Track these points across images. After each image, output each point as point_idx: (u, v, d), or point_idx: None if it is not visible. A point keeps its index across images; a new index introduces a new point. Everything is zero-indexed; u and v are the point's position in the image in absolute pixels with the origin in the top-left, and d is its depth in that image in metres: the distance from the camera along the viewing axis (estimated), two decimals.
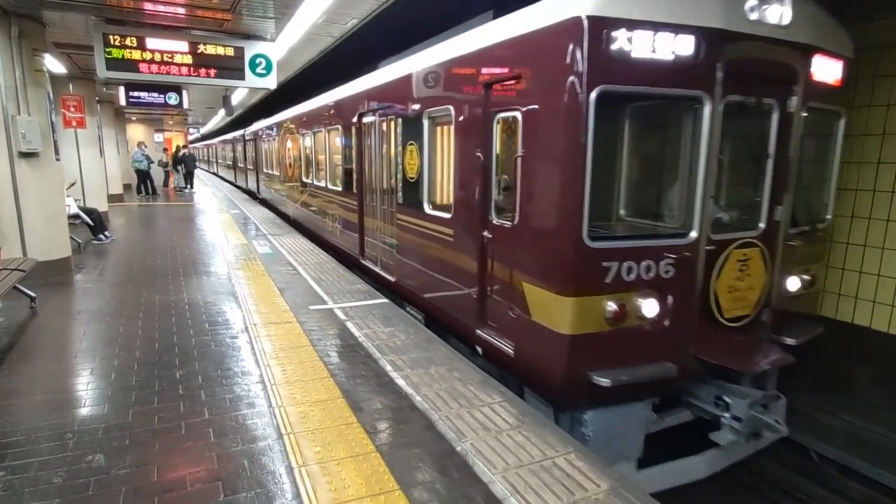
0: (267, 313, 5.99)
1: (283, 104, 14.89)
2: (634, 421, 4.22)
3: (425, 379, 4.32)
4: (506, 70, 4.42)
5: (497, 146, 4.67)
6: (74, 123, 11.54)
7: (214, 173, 39.59)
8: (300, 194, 12.54)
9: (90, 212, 10.60)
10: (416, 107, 6.07)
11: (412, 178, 6.27)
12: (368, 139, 7.84)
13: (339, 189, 9.34)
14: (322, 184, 10.48)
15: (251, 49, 8.27)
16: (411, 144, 6.23)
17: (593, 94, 3.56)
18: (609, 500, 2.87)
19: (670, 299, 4.02)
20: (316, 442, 3.38)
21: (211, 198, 20.61)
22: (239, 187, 25.36)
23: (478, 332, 4.94)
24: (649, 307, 3.94)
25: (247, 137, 21.37)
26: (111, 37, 7.43)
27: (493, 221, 4.72)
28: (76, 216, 10.08)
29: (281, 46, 8.82)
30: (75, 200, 10.81)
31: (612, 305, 3.83)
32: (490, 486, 2.97)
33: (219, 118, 28.02)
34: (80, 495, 2.85)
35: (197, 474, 3.04)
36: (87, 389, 4.15)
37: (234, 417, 3.70)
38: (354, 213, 8.49)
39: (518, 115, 4.23)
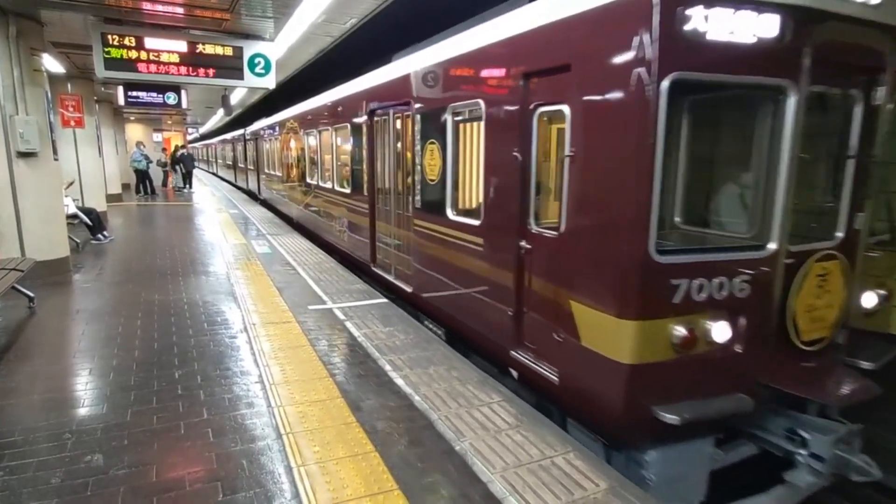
0: (266, 313, 5.98)
1: (283, 103, 14.79)
2: (699, 459, 3.68)
3: (424, 378, 4.32)
4: (551, 57, 3.90)
5: (537, 145, 4.19)
6: (73, 123, 11.52)
7: (214, 173, 39.56)
8: (304, 196, 12.22)
9: (89, 211, 10.60)
10: (438, 102, 5.56)
11: (432, 181, 5.78)
12: (381, 138, 7.38)
13: (348, 191, 8.87)
14: (328, 185, 10.11)
15: (250, 49, 8.28)
16: (432, 143, 5.73)
17: (665, 84, 3.04)
18: (608, 499, 2.88)
19: (744, 321, 3.50)
20: (315, 442, 3.38)
21: (210, 198, 20.61)
22: (239, 188, 25.33)
23: (512, 353, 4.44)
24: (721, 331, 3.39)
25: (247, 137, 21.27)
26: (110, 36, 7.44)
27: (532, 230, 4.22)
28: (75, 216, 10.08)
29: (280, 46, 8.81)
30: (74, 200, 10.81)
31: (680, 330, 3.27)
32: (489, 485, 2.97)
33: (218, 118, 28.03)
34: (79, 495, 2.85)
35: (196, 474, 3.05)
36: (85, 389, 4.15)
37: (233, 417, 3.70)
38: (365, 217, 8.01)
39: (566, 108, 3.73)
